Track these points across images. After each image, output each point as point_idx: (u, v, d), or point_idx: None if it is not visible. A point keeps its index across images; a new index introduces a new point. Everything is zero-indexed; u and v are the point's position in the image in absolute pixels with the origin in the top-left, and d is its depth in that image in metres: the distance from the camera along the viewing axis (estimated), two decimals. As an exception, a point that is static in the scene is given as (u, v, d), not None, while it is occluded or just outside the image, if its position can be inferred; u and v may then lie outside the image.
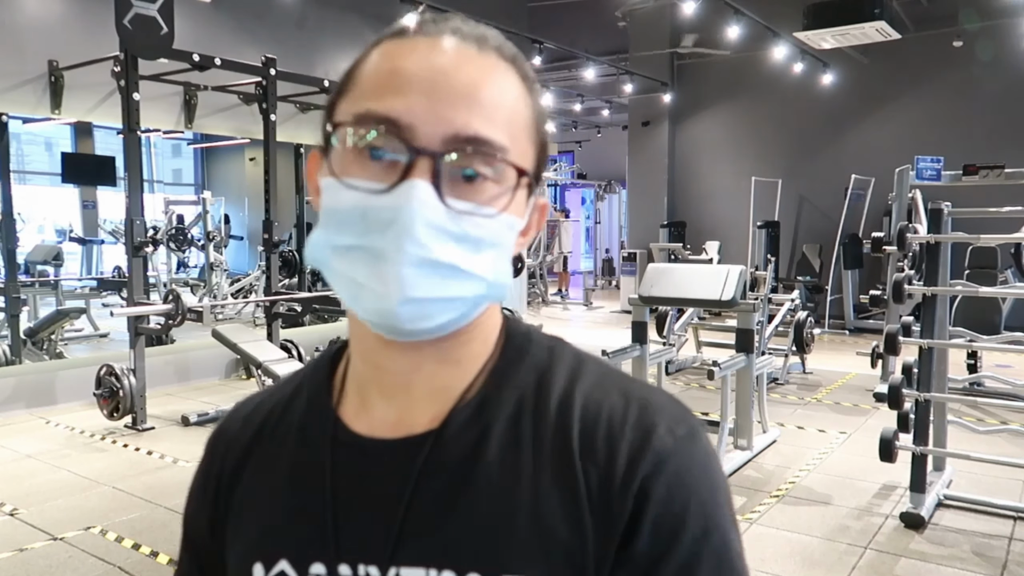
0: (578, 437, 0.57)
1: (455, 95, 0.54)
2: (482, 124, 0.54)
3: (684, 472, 0.56)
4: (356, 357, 0.63)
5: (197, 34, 6.53)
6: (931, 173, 5.19)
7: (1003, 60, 9.48)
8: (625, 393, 0.60)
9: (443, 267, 0.53)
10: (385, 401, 0.61)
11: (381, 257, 0.53)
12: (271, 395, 0.70)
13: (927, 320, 3.86)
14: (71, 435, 5.26)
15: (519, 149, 0.57)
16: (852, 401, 6.21)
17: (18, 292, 6.54)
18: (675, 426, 0.58)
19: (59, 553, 3.41)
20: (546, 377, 0.61)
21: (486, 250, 0.55)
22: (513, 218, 0.57)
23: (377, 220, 0.53)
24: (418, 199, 0.52)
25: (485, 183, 0.55)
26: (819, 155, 11.00)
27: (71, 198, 10.16)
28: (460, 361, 0.61)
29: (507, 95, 0.57)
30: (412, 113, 0.53)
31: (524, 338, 0.64)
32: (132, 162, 5.32)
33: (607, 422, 0.58)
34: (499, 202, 0.55)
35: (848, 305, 9.92)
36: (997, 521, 3.71)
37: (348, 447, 0.61)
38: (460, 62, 0.55)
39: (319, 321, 8.54)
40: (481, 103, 0.55)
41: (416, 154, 0.53)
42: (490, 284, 0.56)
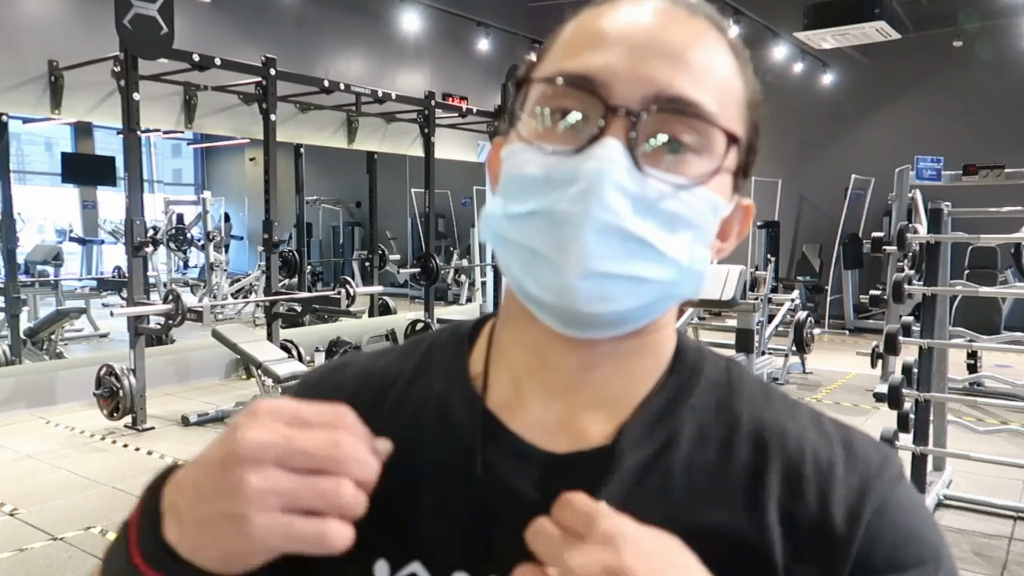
0: (782, 477, 0.51)
1: (660, 53, 0.48)
2: (688, 85, 0.48)
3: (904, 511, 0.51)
4: (516, 345, 0.55)
5: (197, 34, 6.52)
6: (931, 173, 5.19)
7: (1003, 60, 9.49)
8: (825, 429, 0.54)
9: (632, 239, 0.47)
10: (546, 399, 0.54)
11: (562, 222, 0.46)
12: (381, 365, 0.61)
13: (927, 320, 3.86)
14: (71, 435, 5.26)
15: (727, 118, 0.50)
16: (852, 401, 6.21)
17: (18, 292, 6.55)
18: (887, 468, 0.53)
19: (59, 553, 3.40)
20: (726, 403, 0.54)
21: (683, 230, 0.49)
22: (717, 198, 0.50)
23: (562, 182, 0.47)
24: (608, 158, 0.46)
25: (687, 153, 0.48)
26: (819, 155, 11.00)
27: (71, 198, 10.16)
28: (634, 372, 0.54)
29: (717, 63, 0.51)
30: (610, 70, 0.48)
31: (697, 354, 0.57)
32: (132, 162, 5.32)
33: (814, 462, 0.52)
34: (700, 174, 0.49)
35: (848, 305, 9.92)
36: (997, 521, 3.71)
37: (501, 446, 0.53)
38: (667, 22, 0.50)
39: (319, 321, 8.54)
40: (687, 65, 0.49)
41: (611, 112, 0.47)
42: (684, 271, 0.49)
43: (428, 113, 7.94)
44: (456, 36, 9.20)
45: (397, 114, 8.33)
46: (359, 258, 10.65)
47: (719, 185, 0.50)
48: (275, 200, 6.41)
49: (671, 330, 0.57)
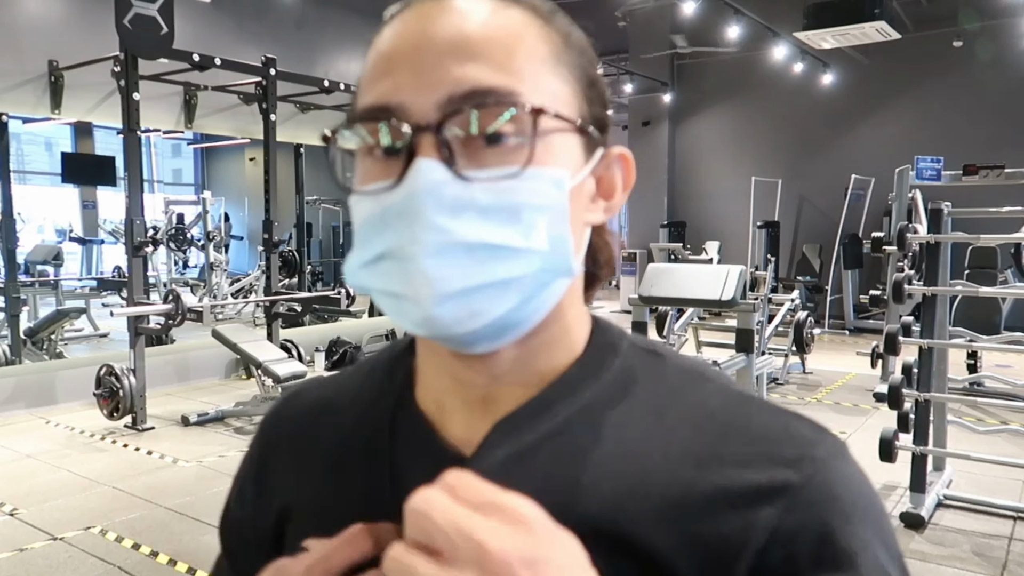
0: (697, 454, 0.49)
1: (441, 52, 0.46)
2: (478, 72, 0.45)
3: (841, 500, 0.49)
4: (429, 368, 0.55)
5: (197, 34, 6.53)
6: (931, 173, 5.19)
7: (1003, 60, 9.49)
8: (765, 410, 0.52)
9: (476, 248, 0.45)
10: (468, 415, 0.53)
11: (402, 257, 0.45)
12: (329, 393, 0.62)
13: (927, 320, 3.86)
14: (71, 435, 5.26)
15: (541, 90, 0.47)
16: (852, 401, 6.21)
17: (18, 292, 6.54)
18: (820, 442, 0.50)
19: (59, 553, 3.40)
20: (643, 382, 0.53)
21: (528, 216, 0.46)
22: (554, 170, 0.47)
23: (393, 218, 0.46)
24: (423, 179, 0.44)
25: (508, 140, 0.46)
26: (819, 155, 11.00)
27: (71, 198, 10.17)
28: (544, 372, 0.52)
29: (504, 29, 0.47)
30: (400, 89, 0.46)
31: (608, 344, 0.55)
32: (132, 162, 5.32)
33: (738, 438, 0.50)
34: (524, 157, 0.46)
35: (848, 305, 9.92)
36: (997, 521, 3.71)
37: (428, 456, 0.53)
38: (446, 15, 0.47)
39: (319, 321, 8.54)
40: (474, 51, 0.46)
41: (416, 132, 0.45)
42: (546, 255, 0.46)
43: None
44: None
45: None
46: (359, 258, 10.63)
47: (557, 154, 0.47)
48: (275, 200, 6.41)
49: (576, 318, 0.54)
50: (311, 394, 0.63)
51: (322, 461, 0.58)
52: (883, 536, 0.52)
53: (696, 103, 12.21)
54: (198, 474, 4.35)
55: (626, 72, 11.52)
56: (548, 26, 0.50)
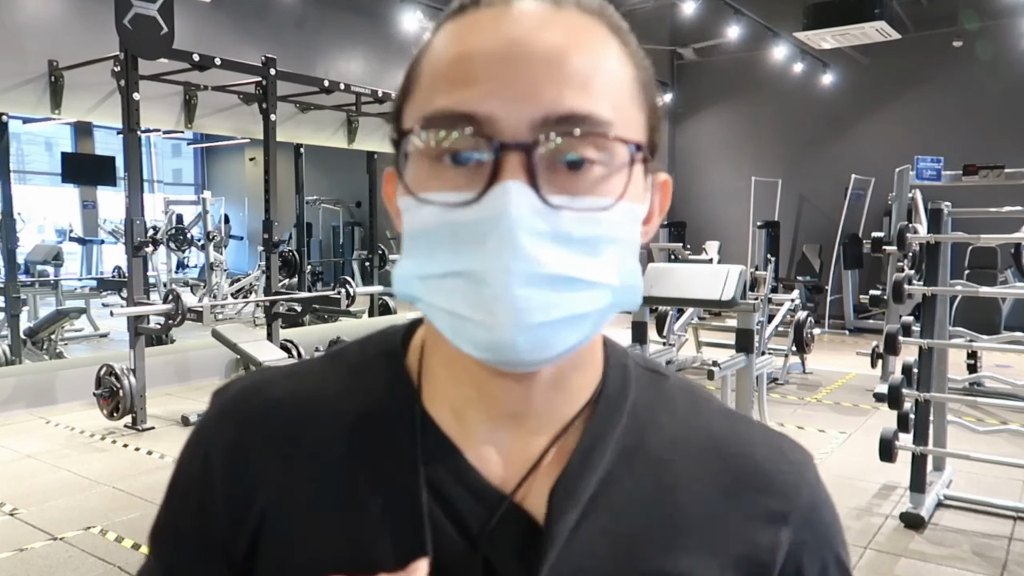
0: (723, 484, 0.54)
1: (537, 68, 0.44)
2: (576, 97, 0.44)
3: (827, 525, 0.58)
4: (450, 377, 0.53)
5: (197, 34, 6.52)
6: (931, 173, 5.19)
7: (1003, 60, 9.49)
8: (757, 432, 0.58)
9: (559, 281, 0.44)
10: (492, 428, 0.52)
11: (483, 282, 0.43)
12: (306, 388, 0.57)
13: (927, 320, 3.86)
14: (71, 435, 5.26)
15: (626, 119, 0.47)
16: (852, 401, 6.21)
17: (18, 292, 6.54)
18: (808, 464, 0.58)
19: (59, 553, 3.40)
20: (656, 409, 0.56)
21: (606, 249, 0.46)
22: (634, 205, 0.47)
23: (470, 238, 0.44)
24: (515, 204, 0.43)
25: (592, 168, 0.45)
26: (819, 155, 11.00)
27: (71, 198, 10.17)
28: (573, 389, 0.53)
29: (601, 57, 0.46)
30: (489, 101, 0.44)
31: (621, 365, 0.57)
32: (132, 162, 5.32)
33: (750, 466, 0.55)
34: (613, 189, 0.45)
35: (848, 305, 9.92)
36: (997, 521, 3.71)
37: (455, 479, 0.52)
38: (536, 27, 0.45)
39: (319, 321, 8.54)
40: (570, 72, 0.44)
41: (502, 150, 0.43)
42: (617, 290, 0.47)
43: (428, 113, 7.94)
44: (456, 36, 9.18)
45: (397, 114, 8.32)
46: (359, 258, 10.66)
47: (634, 188, 0.47)
48: (275, 200, 6.41)
49: (599, 340, 0.56)
50: (278, 389, 0.57)
51: (316, 463, 0.53)
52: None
53: (696, 103, 12.20)
54: (198, 474, 4.35)
55: (626, 72, 11.52)
56: (627, 47, 0.49)
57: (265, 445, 0.55)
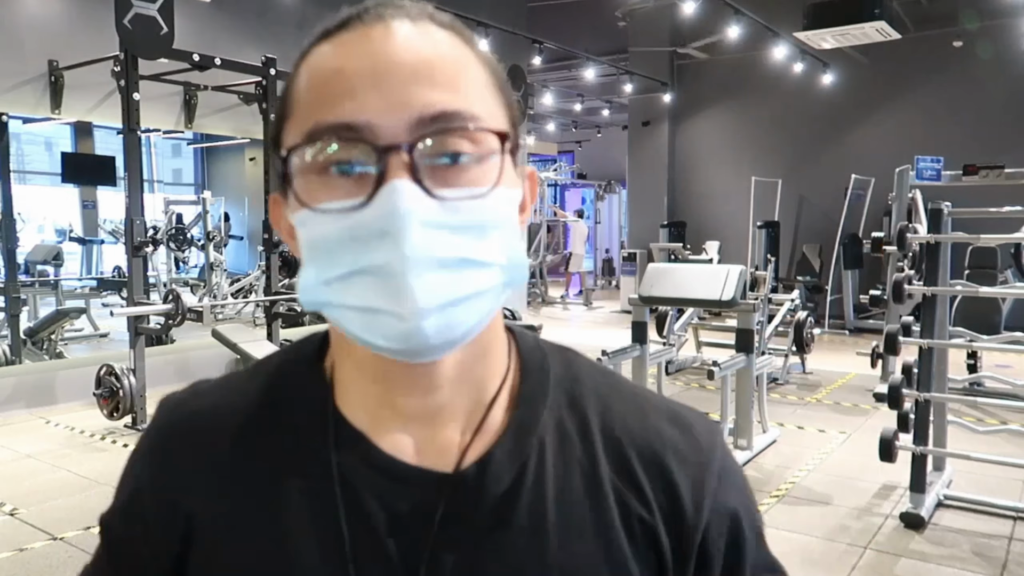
0: (640, 469, 0.57)
1: (407, 76, 0.48)
2: (445, 97, 0.48)
3: (735, 488, 0.60)
4: (361, 377, 0.56)
5: (197, 34, 6.52)
6: (931, 173, 5.19)
7: (1003, 60, 9.48)
8: (663, 413, 0.61)
9: (453, 263, 0.48)
10: (404, 423, 0.55)
11: (386, 274, 0.47)
12: (229, 401, 0.60)
13: (927, 320, 3.85)
14: (71, 435, 5.26)
15: (491, 114, 0.51)
16: (852, 401, 6.21)
17: (18, 292, 6.54)
18: (715, 441, 0.61)
19: (59, 553, 3.41)
20: (577, 397, 0.59)
21: (492, 232, 0.50)
22: (508, 190, 0.51)
23: (368, 236, 0.47)
24: (403, 199, 0.46)
25: (468, 160, 0.49)
26: (819, 155, 11.00)
27: (71, 198, 10.16)
28: (480, 377, 0.56)
29: (461, 61, 0.51)
30: (366, 109, 0.48)
31: (538, 350, 0.60)
32: (132, 162, 5.32)
33: (661, 449, 0.58)
34: (488, 177, 0.50)
35: (848, 305, 9.92)
36: (997, 521, 3.71)
37: (370, 468, 0.54)
38: (400, 40, 0.49)
39: (319, 321, 8.52)
40: (437, 76, 0.49)
41: (385, 153, 0.47)
42: (506, 268, 0.51)
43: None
44: (456, 36, 9.18)
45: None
46: (359, 258, 10.64)
47: (507, 175, 0.51)
48: (275, 200, 6.40)
49: (499, 323, 0.58)
50: (200, 401, 0.61)
51: (234, 471, 0.56)
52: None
53: (696, 103, 12.20)
54: (198, 474, 4.35)
55: (626, 72, 11.52)
56: (476, 52, 0.54)
57: (186, 455, 0.58)
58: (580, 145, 19.02)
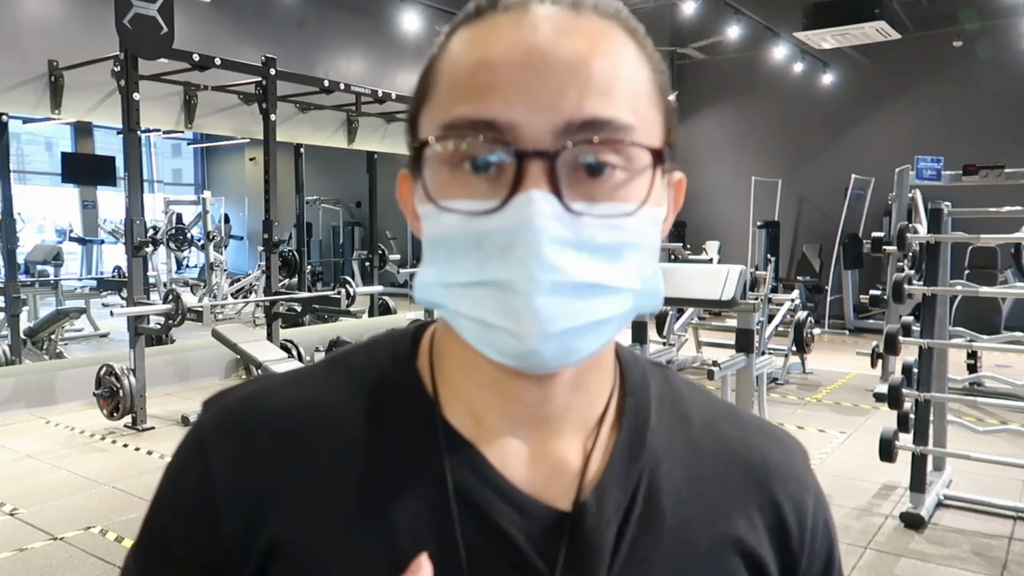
0: (746, 488, 0.57)
1: (559, 74, 0.44)
2: (598, 103, 0.44)
3: (825, 507, 0.60)
4: (467, 381, 0.52)
5: (197, 34, 6.52)
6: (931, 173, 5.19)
7: (1003, 60, 9.48)
8: (762, 431, 0.61)
9: (583, 288, 0.44)
10: (513, 431, 0.52)
11: (508, 290, 0.44)
12: (310, 398, 0.54)
13: (927, 320, 3.85)
14: (71, 435, 5.26)
15: (646, 123, 0.47)
16: (852, 401, 6.21)
17: (18, 292, 6.54)
18: (808, 461, 0.61)
19: (59, 553, 3.40)
20: (683, 415, 0.58)
21: (629, 254, 0.46)
22: (655, 210, 0.47)
23: (495, 247, 0.44)
24: (538, 213, 0.43)
25: (614, 173, 0.45)
26: (819, 155, 11.00)
27: (71, 198, 10.17)
28: (592, 390, 0.54)
29: (620, 62, 0.46)
30: (511, 108, 0.44)
31: (637, 365, 0.58)
32: (132, 162, 5.32)
33: (764, 468, 0.58)
34: (635, 194, 0.45)
35: (848, 305, 9.92)
36: (997, 521, 3.71)
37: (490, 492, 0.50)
38: (556, 33, 0.45)
39: (319, 321, 8.54)
40: (592, 78, 0.44)
41: (524, 157, 0.43)
42: (638, 294, 0.47)
43: (428, 113, 7.93)
44: (456, 36, 9.19)
45: (397, 114, 8.32)
46: (359, 258, 10.66)
47: (655, 193, 0.47)
48: (275, 200, 6.41)
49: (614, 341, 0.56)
50: (281, 395, 0.54)
51: (331, 470, 0.51)
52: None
53: (696, 103, 12.20)
54: (198, 474, 4.34)
55: (626, 72, 11.52)
56: (644, 50, 0.49)
57: (273, 455, 0.51)
58: (580, 145, 19.01)
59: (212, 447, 0.53)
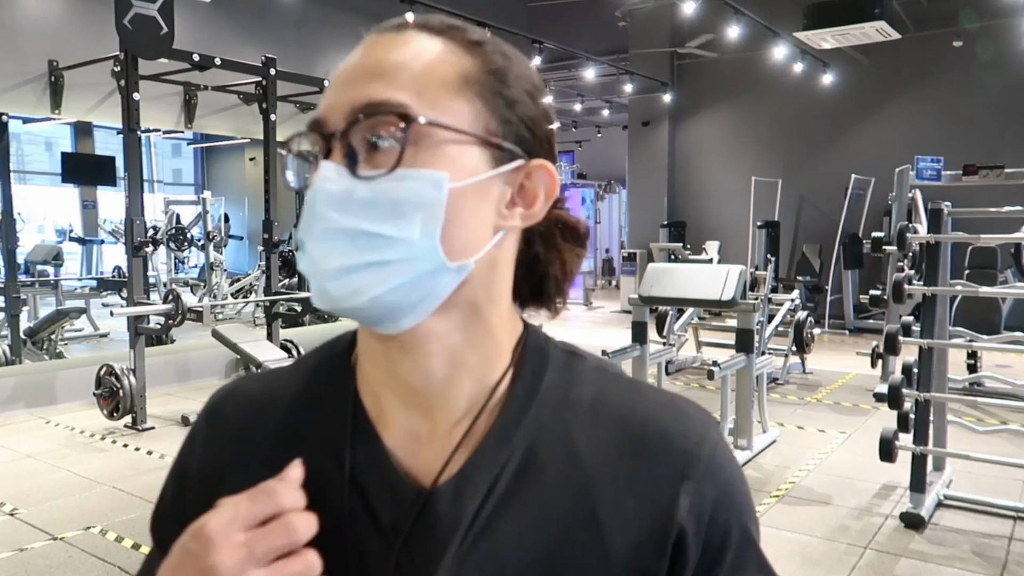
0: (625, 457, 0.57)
1: (360, 75, 0.54)
2: (378, 89, 0.53)
3: (722, 482, 0.58)
4: (367, 362, 0.60)
5: (197, 34, 6.53)
6: (931, 173, 5.19)
7: (1003, 60, 9.48)
8: (659, 403, 0.60)
9: (353, 234, 0.52)
10: (404, 409, 0.58)
11: (302, 242, 0.54)
12: (272, 389, 0.65)
13: (927, 320, 3.85)
14: (71, 435, 5.26)
15: (433, 103, 0.53)
16: (852, 401, 6.21)
17: (18, 292, 6.55)
18: (709, 434, 0.59)
19: (59, 553, 3.41)
20: (569, 399, 0.59)
21: (410, 212, 0.52)
22: (431, 173, 0.52)
23: (304, 211, 0.54)
24: (320, 178, 0.52)
25: (388, 145, 0.52)
26: (819, 155, 11.00)
27: (71, 198, 10.17)
28: (471, 367, 0.57)
29: (416, 57, 0.54)
30: (327, 107, 0.54)
31: (539, 349, 0.61)
32: (132, 162, 5.32)
33: (647, 434, 0.58)
34: (407, 160, 0.52)
35: (848, 305, 9.92)
36: (997, 521, 3.71)
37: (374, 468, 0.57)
38: (372, 48, 0.56)
39: (319, 321, 8.54)
40: (381, 71, 0.54)
41: (328, 140, 0.53)
42: (419, 247, 0.52)
43: (428, 113, 7.92)
44: (456, 36, 9.19)
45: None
46: (359, 258, 10.64)
47: (442, 159, 0.53)
48: (275, 200, 6.41)
49: (501, 321, 0.59)
50: (251, 389, 0.66)
51: (264, 452, 0.60)
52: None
53: (696, 103, 12.20)
54: (198, 474, 4.34)
55: (626, 72, 11.51)
56: (468, 55, 0.56)
57: (231, 442, 0.63)
58: (580, 145, 19.00)
59: (196, 429, 0.66)
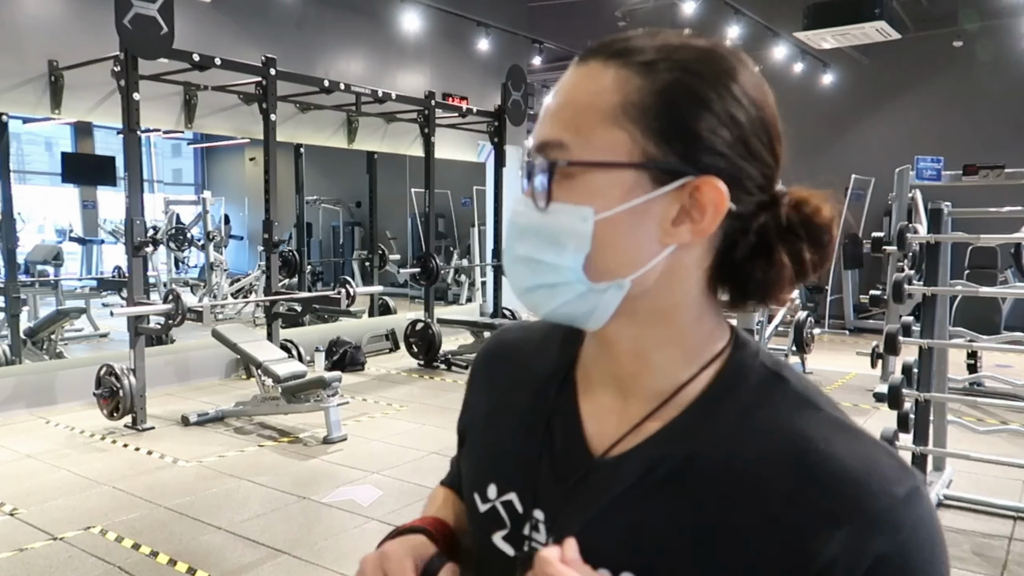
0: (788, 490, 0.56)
1: (546, 111, 0.61)
2: (548, 128, 0.60)
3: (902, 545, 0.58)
4: (588, 340, 0.70)
5: (197, 34, 6.53)
6: (931, 173, 5.19)
7: (1003, 60, 9.48)
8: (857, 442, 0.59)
9: (528, 261, 0.61)
10: (601, 383, 0.67)
11: (504, 265, 0.65)
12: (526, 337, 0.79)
13: (927, 320, 3.85)
14: (71, 435, 5.26)
15: (588, 139, 0.58)
16: (852, 401, 6.20)
17: (18, 292, 6.54)
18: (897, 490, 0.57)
19: (59, 553, 3.41)
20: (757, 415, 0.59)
21: (564, 241, 0.59)
22: (580, 208, 0.58)
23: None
24: (510, 210, 0.63)
25: (560, 180, 0.59)
26: (819, 155, 11.00)
27: (71, 198, 10.16)
28: (657, 366, 0.63)
29: (583, 92, 0.59)
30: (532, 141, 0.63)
31: (743, 365, 0.62)
32: (132, 162, 5.32)
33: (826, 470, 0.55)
34: (557, 195, 0.59)
35: (848, 305, 9.92)
36: (997, 521, 3.71)
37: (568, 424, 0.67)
38: (563, 80, 0.62)
39: (319, 321, 8.54)
40: (556, 109, 0.60)
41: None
42: (570, 273, 0.59)
43: (428, 113, 7.93)
44: (456, 36, 9.20)
45: (397, 114, 8.33)
46: (359, 258, 10.66)
47: (587, 192, 0.58)
48: (275, 200, 6.40)
49: (690, 326, 0.62)
50: (511, 335, 0.81)
51: (506, 387, 0.75)
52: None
53: (696, 103, 12.19)
54: (198, 474, 4.33)
55: (626, 72, 11.52)
56: (638, 77, 0.58)
57: (490, 369, 0.80)
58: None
59: (474, 363, 0.83)
